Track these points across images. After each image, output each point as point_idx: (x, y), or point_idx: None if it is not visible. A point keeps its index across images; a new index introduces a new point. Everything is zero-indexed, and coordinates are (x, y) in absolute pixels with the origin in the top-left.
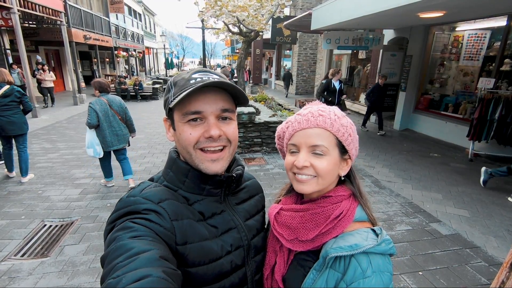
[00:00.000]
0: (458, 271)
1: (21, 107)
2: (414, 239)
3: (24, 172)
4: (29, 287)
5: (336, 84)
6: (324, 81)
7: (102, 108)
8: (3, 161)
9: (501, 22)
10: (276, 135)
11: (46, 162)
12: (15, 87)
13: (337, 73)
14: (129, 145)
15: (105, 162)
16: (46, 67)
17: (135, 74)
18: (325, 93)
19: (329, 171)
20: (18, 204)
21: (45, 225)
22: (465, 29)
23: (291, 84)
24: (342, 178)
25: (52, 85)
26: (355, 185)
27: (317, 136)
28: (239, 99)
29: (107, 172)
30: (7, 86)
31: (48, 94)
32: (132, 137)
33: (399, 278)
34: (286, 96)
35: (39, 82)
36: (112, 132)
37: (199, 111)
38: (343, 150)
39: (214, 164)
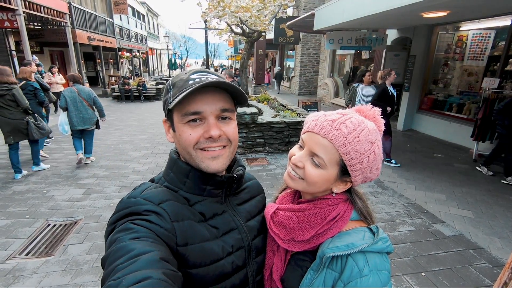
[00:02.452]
0: (461, 272)
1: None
2: (417, 240)
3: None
4: (33, 286)
5: (391, 89)
6: (365, 86)
7: (71, 95)
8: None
9: (506, 21)
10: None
11: (50, 162)
12: (30, 82)
13: (388, 74)
14: (98, 128)
15: (75, 140)
16: (55, 69)
17: (139, 75)
18: (380, 102)
19: (316, 182)
20: (23, 204)
21: (49, 224)
22: (469, 28)
23: (283, 82)
24: (334, 195)
25: (62, 89)
26: (356, 206)
27: (321, 147)
28: (238, 98)
29: (77, 147)
30: (23, 82)
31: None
32: (103, 121)
33: (401, 279)
34: (278, 93)
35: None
36: (78, 115)
37: (199, 112)
38: (345, 172)
39: (214, 162)
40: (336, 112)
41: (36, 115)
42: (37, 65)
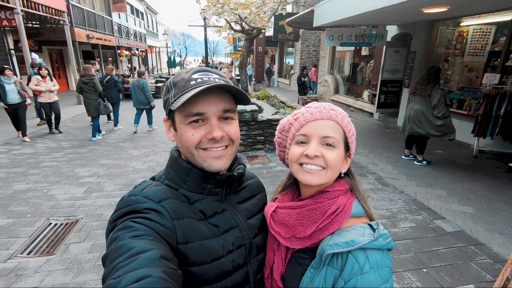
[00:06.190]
0: (462, 268)
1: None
2: (418, 236)
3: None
4: (35, 285)
5: None
6: None
7: (133, 84)
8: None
9: (507, 16)
10: (279, 127)
11: (50, 161)
12: (112, 76)
13: None
14: (151, 107)
15: (136, 115)
16: (45, 71)
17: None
18: None
19: (337, 163)
20: (24, 203)
21: (50, 223)
22: (470, 24)
23: (272, 77)
24: (342, 175)
25: (56, 98)
26: (354, 181)
27: (329, 128)
28: (240, 99)
29: (135, 120)
30: (109, 76)
31: (52, 113)
32: (152, 106)
33: (403, 275)
34: (268, 85)
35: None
36: (136, 98)
37: (201, 113)
38: (346, 146)
39: (217, 161)
40: (312, 103)
41: (105, 98)
42: (37, 66)
